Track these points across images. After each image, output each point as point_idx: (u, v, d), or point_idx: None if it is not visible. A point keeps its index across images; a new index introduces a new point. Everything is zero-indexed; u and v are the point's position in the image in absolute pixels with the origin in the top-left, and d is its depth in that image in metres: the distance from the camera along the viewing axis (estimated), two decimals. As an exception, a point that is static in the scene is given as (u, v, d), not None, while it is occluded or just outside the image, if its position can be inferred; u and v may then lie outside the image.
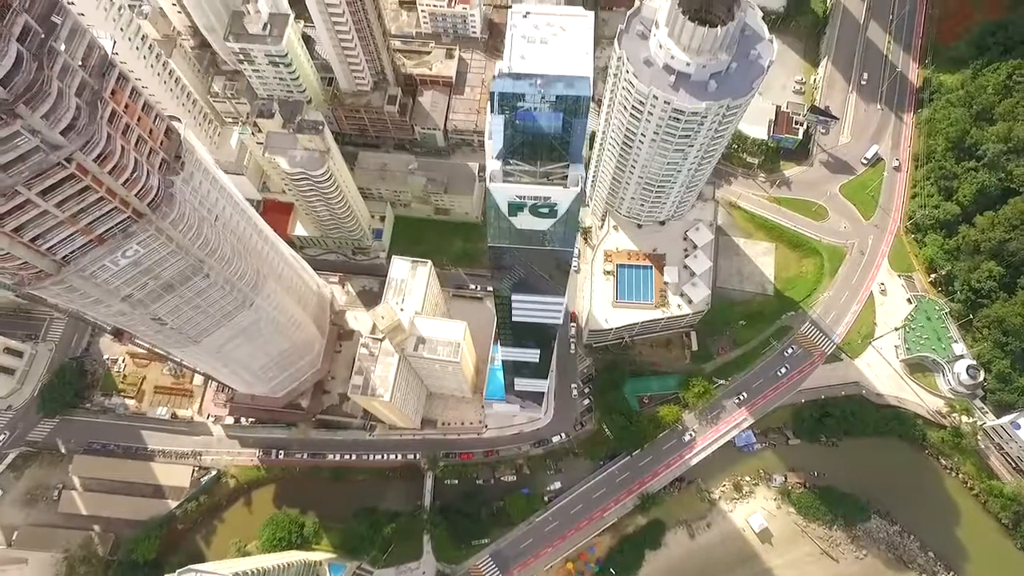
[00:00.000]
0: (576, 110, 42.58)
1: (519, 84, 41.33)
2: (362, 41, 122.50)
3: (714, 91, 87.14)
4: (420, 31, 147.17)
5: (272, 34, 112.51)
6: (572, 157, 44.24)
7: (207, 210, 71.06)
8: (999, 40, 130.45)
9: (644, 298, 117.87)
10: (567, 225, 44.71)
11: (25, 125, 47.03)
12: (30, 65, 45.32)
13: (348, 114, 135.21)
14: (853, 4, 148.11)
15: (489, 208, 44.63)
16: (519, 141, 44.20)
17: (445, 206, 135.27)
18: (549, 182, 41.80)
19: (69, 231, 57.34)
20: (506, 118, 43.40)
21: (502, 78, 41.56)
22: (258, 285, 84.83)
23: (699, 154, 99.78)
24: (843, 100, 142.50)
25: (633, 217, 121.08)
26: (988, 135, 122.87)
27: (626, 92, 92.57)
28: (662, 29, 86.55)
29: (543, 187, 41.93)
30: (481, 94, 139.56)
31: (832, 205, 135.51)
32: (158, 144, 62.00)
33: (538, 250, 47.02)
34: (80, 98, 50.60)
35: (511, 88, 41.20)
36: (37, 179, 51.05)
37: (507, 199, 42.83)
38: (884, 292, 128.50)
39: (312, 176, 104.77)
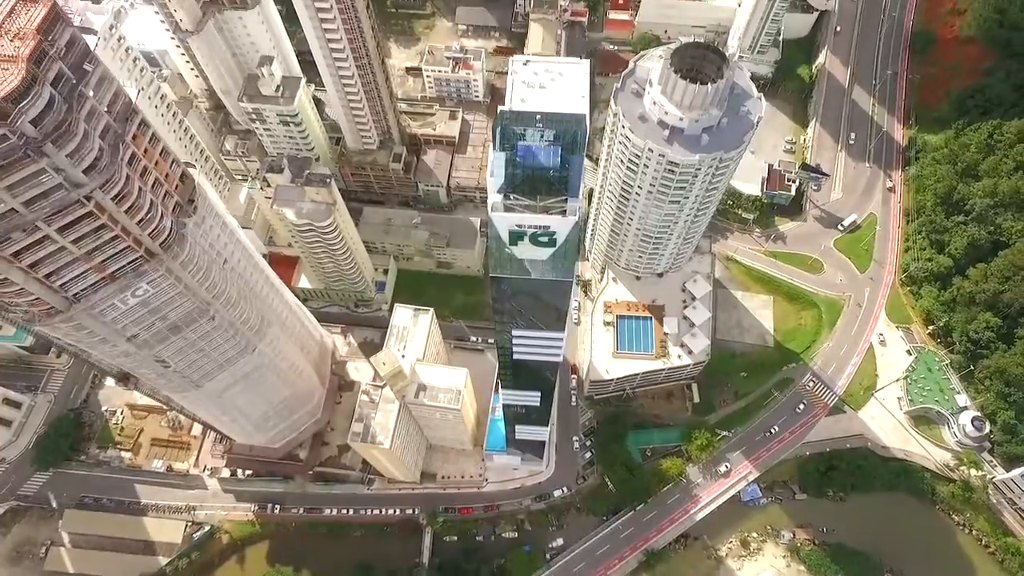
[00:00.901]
0: (573, 146, 44.99)
1: (520, 121, 43.77)
2: (370, 103, 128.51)
3: (707, 145, 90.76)
4: (425, 95, 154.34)
5: (284, 95, 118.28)
6: (570, 192, 46.33)
7: (216, 253, 72.92)
8: (978, 103, 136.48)
9: (644, 349, 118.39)
10: (566, 255, 46.37)
11: (50, 163, 49.61)
12: (60, 107, 48.41)
13: (354, 171, 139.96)
14: (837, 70, 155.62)
15: (491, 238, 46.47)
16: (519, 177, 46.42)
17: (447, 260, 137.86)
18: (549, 212, 43.81)
19: (83, 268, 59.02)
20: (507, 155, 45.78)
21: (504, 116, 44.08)
22: (262, 330, 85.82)
23: (694, 206, 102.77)
24: (833, 158, 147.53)
25: (632, 269, 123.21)
26: (974, 190, 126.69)
27: (623, 146, 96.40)
28: (655, 87, 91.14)
29: (543, 216, 43.88)
30: (483, 153, 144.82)
31: (827, 258, 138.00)
32: (173, 187, 64.57)
33: (538, 280, 48.49)
34: (103, 140, 53.41)
35: (512, 124, 43.62)
36: (57, 215, 53.16)
37: (508, 228, 44.68)
38: (883, 343, 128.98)
39: (318, 227, 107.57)
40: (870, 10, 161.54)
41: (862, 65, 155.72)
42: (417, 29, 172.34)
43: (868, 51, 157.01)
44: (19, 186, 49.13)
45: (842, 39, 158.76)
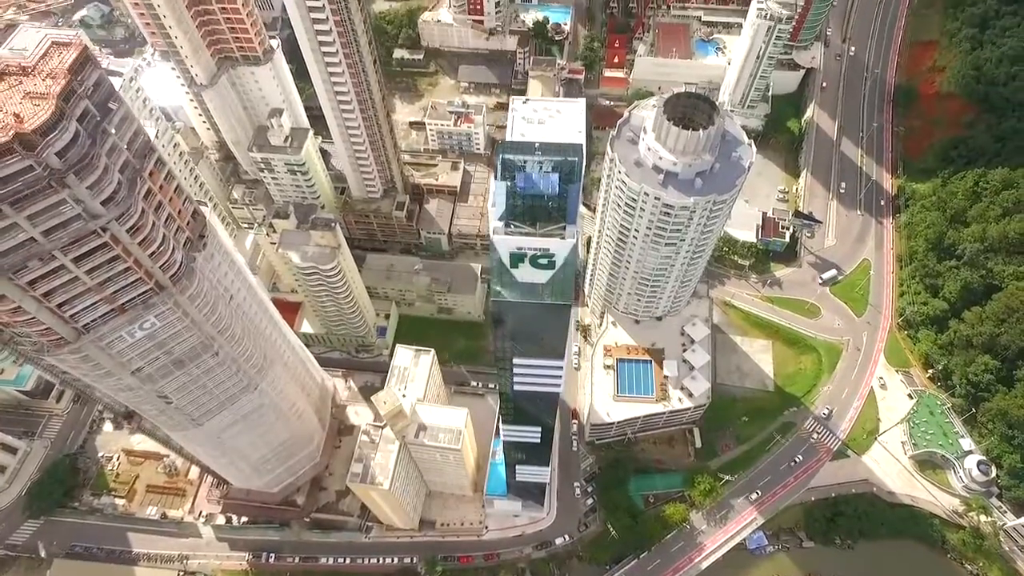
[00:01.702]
0: (571, 175, 47.31)
1: (520, 151, 46.23)
2: (375, 154, 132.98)
3: (700, 188, 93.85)
4: (428, 148, 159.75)
5: (292, 145, 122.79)
6: (568, 219, 48.42)
7: (223, 289, 74.53)
8: (961, 153, 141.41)
9: (645, 392, 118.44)
10: (565, 278, 47.99)
11: (71, 194, 51.84)
12: (84, 141, 51.07)
13: (358, 219, 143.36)
14: (825, 123, 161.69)
15: (492, 262, 48.19)
16: (520, 207, 48.60)
17: (448, 305, 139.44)
18: (548, 235, 45.70)
19: (94, 299, 60.46)
20: (508, 185, 48.07)
21: (504, 146, 46.56)
22: (264, 369, 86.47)
23: (690, 249, 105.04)
24: (824, 207, 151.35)
25: (631, 313, 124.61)
26: (964, 236, 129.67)
27: (619, 190, 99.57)
28: (650, 134, 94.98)
29: (542, 239, 45.75)
30: (483, 201, 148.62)
31: (824, 303, 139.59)
32: (185, 223, 66.86)
33: (538, 304, 49.89)
34: (122, 174, 55.90)
35: (513, 154, 46.05)
36: (73, 245, 55.02)
37: (509, 251, 46.48)
38: (884, 387, 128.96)
39: (322, 270, 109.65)
40: (854, 68, 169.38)
41: (849, 118, 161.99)
42: (421, 86, 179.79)
43: (854, 105, 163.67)
44: (40, 215, 51.20)
45: (828, 94, 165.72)
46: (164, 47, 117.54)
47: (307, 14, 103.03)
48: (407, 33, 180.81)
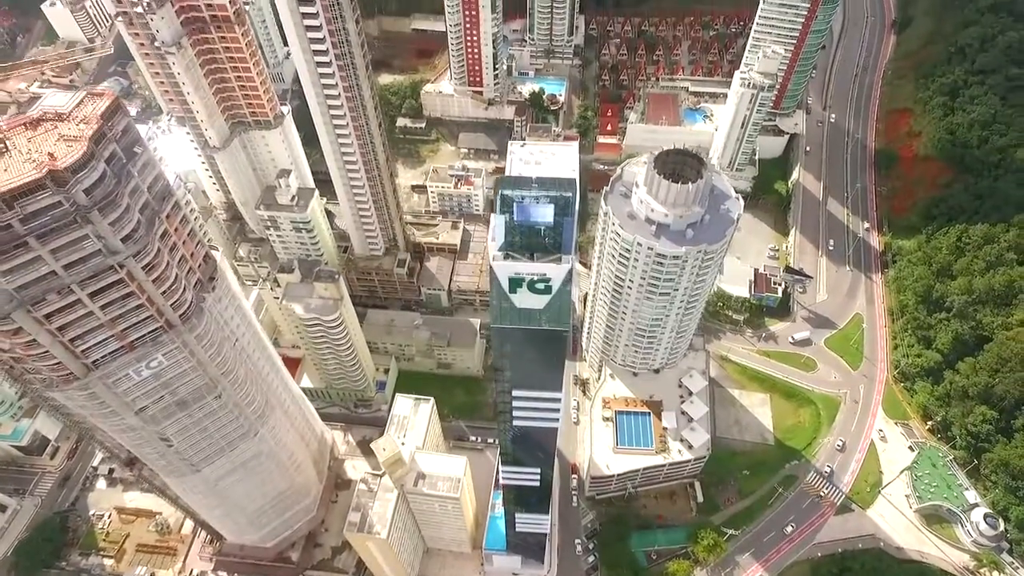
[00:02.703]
0: (566, 208, 50.56)
1: (518, 185, 49.66)
2: (378, 214, 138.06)
3: (691, 238, 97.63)
4: (429, 209, 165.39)
5: (299, 204, 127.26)
6: (564, 249, 51.31)
7: (229, 331, 76.50)
8: (943, 211, 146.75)
9: (644, 444, 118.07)
10: (561, 304, 50.24)
11: (93, 230, 54.86)
12: (110, 181, 54.61)
13: (360, 276, 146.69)
14: (811, 184, 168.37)
15: (492, 288, 50.62)
16: (518, 239, 51.63)
17: (447, 360, 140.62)
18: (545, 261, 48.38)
19: (106, 335, 62.36)
20: (507, 219, 51.25)
21: (504, 181, 50.02)
22: (264, 414, 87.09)
23: (684, 299, 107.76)
24: (815, 263, 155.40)
25: (628, 365, 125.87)
26: (951, 289, 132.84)
27: (614, 242, 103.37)
28: (642, 188, 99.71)
29: (539, 264, 48.39)
30: (482, 259, 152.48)
31: (819, 357, 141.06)
32: (196, 265, 69.76)
33: (535, 330, 51.87)
34: (142, 214, 59.18)
35: (511, 188, 49.45)
36: (91, 280, 57.58)
37: (508, 275, 49.01)
38: (884, 439, 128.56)
39: (324, 322, 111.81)
40: (835, 133, 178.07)
41: (833, 180, 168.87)
42: (423, 152, 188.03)
43: (837, 168, 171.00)
44: (63, 249, 53.99)
45: (813, 157, 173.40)
46: (181, 112, 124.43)
47: (321, 89, 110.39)
48: (410, 103, 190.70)
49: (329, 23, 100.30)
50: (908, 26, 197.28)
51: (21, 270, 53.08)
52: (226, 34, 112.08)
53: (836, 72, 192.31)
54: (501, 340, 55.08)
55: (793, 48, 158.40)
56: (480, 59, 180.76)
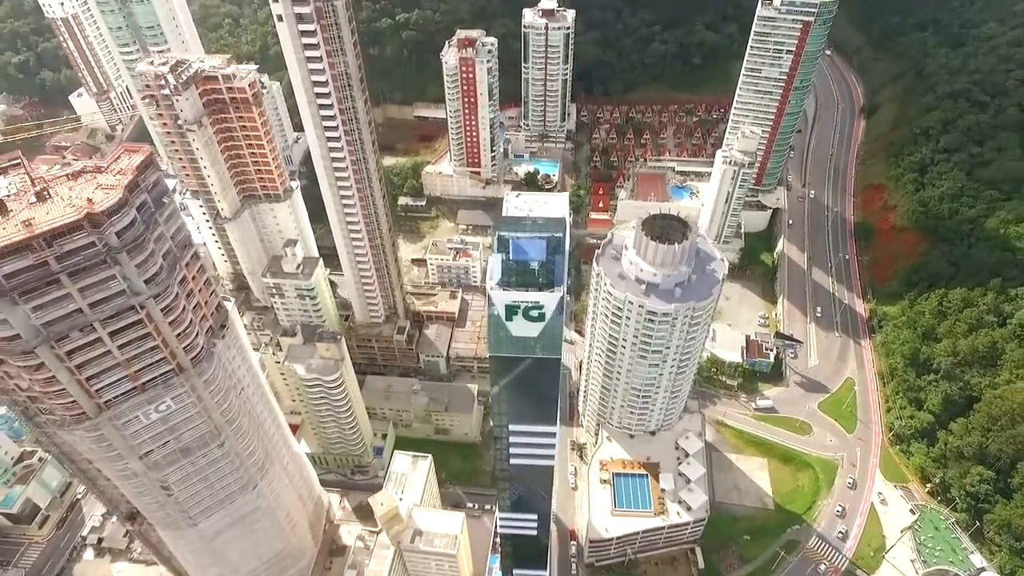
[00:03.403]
0: (558, 247, 55.40)
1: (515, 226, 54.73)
2: (380, 282, 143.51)
3: (680, 296, 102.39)
4: (428, 281, 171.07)
5: (303, 272, 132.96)
6: (555, 283, 55.67)
7: (236, 380, 79.09)
8: (922, 277, 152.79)
9: (643, 506, 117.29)
10: (553, 332, 53.73)
11: (120, 271, 59.17)
12: (140, 226, 59.52)
13: (360, 343, 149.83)
14: (796, 255, 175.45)
15: (491, 318, 54.33)
16: (514, 276, 56.13)
17: (445, 426, 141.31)
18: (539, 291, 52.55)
19: (120, 374, 65.11)
20: (504, 257, 56.00)
21: (502, 222, 55.11)
22: (264, 467, 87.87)
23: (676, 357, 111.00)
24: (804, 330, 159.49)
25: (624, 427, 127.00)
26: (937, 351, 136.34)
27: (606, 301, 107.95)
28: (631, 250, 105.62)
29: (533, 293, 52.46)
30: (481, 326, 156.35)
31: (814, 421, 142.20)
32: (210, 312, 73.60)
33: (529, 358, 55.02)
34: (164, 259, 63.69)
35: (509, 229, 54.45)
36: (112, 319, 61.21)
37: (505, 303, 52.88)
38: (884, 503, 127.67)
39: (325, 382, 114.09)
40: (815, 208, 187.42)
41: (817, 250, 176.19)
42: (423, 228, 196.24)
43: (820, 239, 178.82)
44: (91, 288, 57.97)
45: (795, 230, 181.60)
46: (196, 187, 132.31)
47: (331, 164, 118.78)
48: (412, 183, 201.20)
49: (340, 102, 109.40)
50: (876, 111, 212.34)
51: (51, 306, 56.83)
52: (243, 114, 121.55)
53: (813, 152, 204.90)
54: (498, 369, 58.23)
55: (770, 129, 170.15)
56: (478, 142, 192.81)
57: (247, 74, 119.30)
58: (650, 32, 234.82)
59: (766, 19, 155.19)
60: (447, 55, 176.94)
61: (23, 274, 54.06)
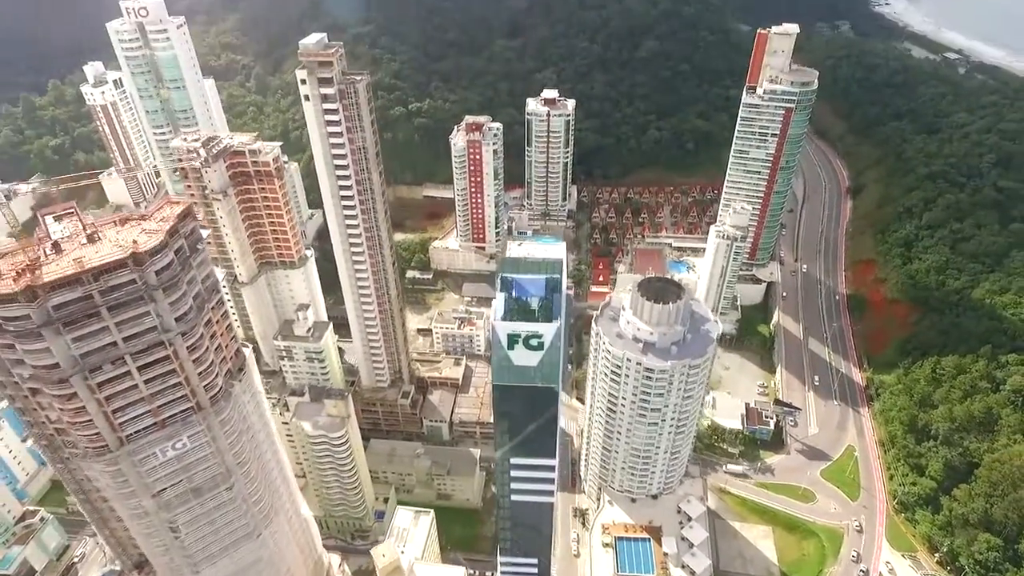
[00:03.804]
0: (555, 287, 60.97)
1: (517, 267, 60.58)
2: (387, 346, 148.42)
3: (676, 354, 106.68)
4: (433, 349, 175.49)
5: (314, 335, 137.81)
6: (553, 316, 60.72)
7: (248, 425, 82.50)
8: (915, 346, 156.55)
9: (645, 570, 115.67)
10: (551, 362, 57.94)
11: (155, 308, 64.71)
12: (176, 268, 65.61)
13: (365, 407, 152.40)
14: (791, 326, 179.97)
15: (494, 348, 58.77)
16: (516, 311, 61.36)
17: (447, 491, 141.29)
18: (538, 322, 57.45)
19: (144, 409, 69.14)
20: (506, 296, 61.48)
21: (505, 262, 60.97)
22: (269, 516, 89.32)
23: (675, 416, 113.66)
24: (803, 398, 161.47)
25: (626, 491, 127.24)
26: (935, 417, 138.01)
27: (606, 359, 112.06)
28: (628, 310, 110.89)
29: (532, 324, 57.26)
30: (484, 392, 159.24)
31: (817, 488, 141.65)
32: (230, 355, 78.30)
33: (529, 387, 58.83)
34: (194, 300, 69.36)
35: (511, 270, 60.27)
36: (142, 353, 66.06)
37: (507, 333, 57.54)
38: (893, 573, 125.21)
39: (331, 439, 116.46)
40: (808, 281, 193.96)
41: (811, 322, 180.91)
42: (429, 300, 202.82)
43: (814, 311, 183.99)
44: (127, 322, 63.35)
45: (790, 302, 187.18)
46: (216, 253, 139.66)
47: (347, 237, 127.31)
48: (419, 258, 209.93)
49: (357, 173, 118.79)
50: (861, 192, 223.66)
51: (90, 338, 61.98)
52: (266, 185, 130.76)
53: (803, 230, 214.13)
54: (501, 398, 61.87)
55: (760, 206, 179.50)
56: (484, 218, 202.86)
57: (271, 149, 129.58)
58: (646, 120, 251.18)
59: (751, 106, 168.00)
60: (456, 138, 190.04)
61: (70, 306, 59.63)
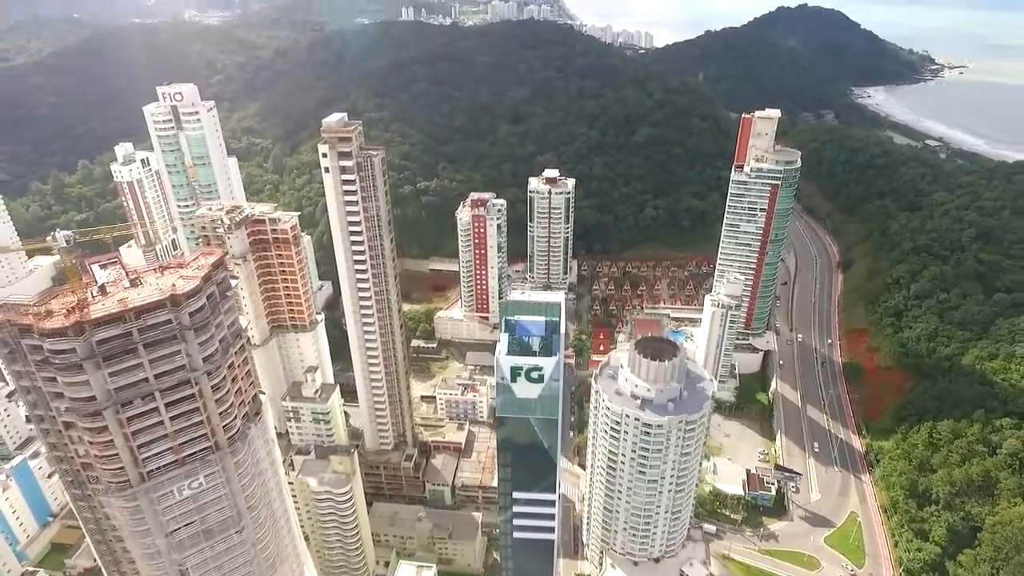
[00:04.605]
0: (555, 328, 66.81)
1: (519, 309, 66.71)
2: (392, 408, 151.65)
3: (672, 410, 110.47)
4: (437, 415, 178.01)
5: (321, 396, 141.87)
6: (553, 352, 66.09)
7: (261, 470, 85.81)
8: (911, 412, 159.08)
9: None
10: (551, 396, 62.42)
11: (186, 348, 70.32)
12: (207, 311, 71.77)
13: (369, 470, 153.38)
14: (789, 393, 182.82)
15: (499, 381, 63.57)
16: (518, 349, 66.86)
17: (449, 555, 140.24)
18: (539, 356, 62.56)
19: (166, 445, 73.15)
20: (509, 337, 67.21)
21: (507, 304, 67.10)
22: (275, 565, 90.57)
23: (674, 473, 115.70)
24: (803, 465, 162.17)
25: (628, 554, 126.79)
26: (935, 481, 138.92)
27: (605, 416, 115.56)
28: (626, 368, 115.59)
29: (533, 358, 62.38)
30: (486, 457, 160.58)
31: (821, 555, 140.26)
32: (248, 398, 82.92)
33: (530, 419, 62.96)
34: (220, 343, 74.98)
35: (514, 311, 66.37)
36: (170, 390, 70.97)
37: (510, 366, 62.48)
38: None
39: (335, 495, 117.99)
40: (804, 350, 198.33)
41: (809, 389, 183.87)
42: (433, 368, 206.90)
43: (811, 379, 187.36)
44: (160, 359, 68.73)
45: (787, 371, 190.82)
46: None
47: (358, 298, 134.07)
48: (424, 327, 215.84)
49: (370, 239, 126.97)
50: (851, 265, 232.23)
51: (125, 373, 67.16)
52: (283, 252, 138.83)
53: (797, 301, 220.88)
54: (505, 429, 65.70)
55: (753, 277, 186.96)
56: (487, 290, 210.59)
57: (290, 219, 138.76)
58: (643, 199, 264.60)
59: (739, 183, 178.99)
60: (462, 213, 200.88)
61: (111, 341, 65.30)
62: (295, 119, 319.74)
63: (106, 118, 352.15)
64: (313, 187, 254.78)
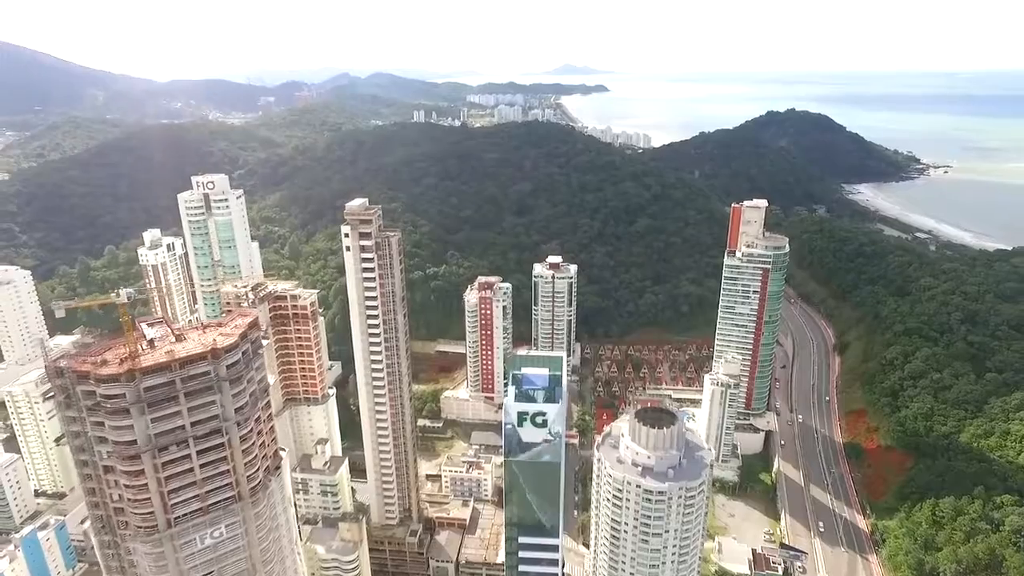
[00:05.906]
0: (558, 380, 73.81)
1: (524, 362, 74.07)
2: (399, 483, 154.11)
3: (673, 477, 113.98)
4: (442, 492, 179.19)
5: (329, 468, 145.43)
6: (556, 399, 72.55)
7: (277, 524, 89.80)
8: (913, 491, 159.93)
9: None
10: (555, 440, 67.87)
11: (220, 399, 77.12)
12: (242, 365, 79.16)
13: (373, 547, 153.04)
14: (792, 473, 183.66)
15: (506, 427, 69.39)
16: (524, 398, 73.49)
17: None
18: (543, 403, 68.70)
19: (193, 492, 78.19)
20: (515, 390, 74.09)
21: (513, 359, 74.35)
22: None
23: (676, 542, 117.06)
24: (809, 544, 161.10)
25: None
26: (941, 559, 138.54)
27: (608, 484, 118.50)
28: (626, 437, 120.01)
29: (538, 404, 68.55)
30: (490, 534, 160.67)
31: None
32: (271, 452, 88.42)
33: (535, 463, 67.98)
34: (250, 397, 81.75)
35: (519, 366, 73.67)
36: (203, 438, 76.98)
37: (517, 411, 68.47)
38: None
39: (342, 562, 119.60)
40: (804, 431, 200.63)
41: (811, 469, 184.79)
42: (439, 447, 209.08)
43: (813, 459, 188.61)
44: (197, 408, 75.41)
45: (789, 451, 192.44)
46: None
47: (371, 368, 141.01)
48: (430, 407, 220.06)
49: (385, 313, 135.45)
50: (847, 348, 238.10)
51: (165, 419, 73.64)
52: (301, 327, 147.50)
53: (796, 383, 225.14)
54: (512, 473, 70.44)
55: (750, 357, 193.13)
56: (493, 371, 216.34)
57: (309, 295, 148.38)
58: (642, 285, 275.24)
59: (732, 267, 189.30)
60: (469, 295, 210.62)
61: (157, 389, 72.33)
62: (312, 209, 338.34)
63: (132, 208, 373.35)
64: (327, 272, 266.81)
